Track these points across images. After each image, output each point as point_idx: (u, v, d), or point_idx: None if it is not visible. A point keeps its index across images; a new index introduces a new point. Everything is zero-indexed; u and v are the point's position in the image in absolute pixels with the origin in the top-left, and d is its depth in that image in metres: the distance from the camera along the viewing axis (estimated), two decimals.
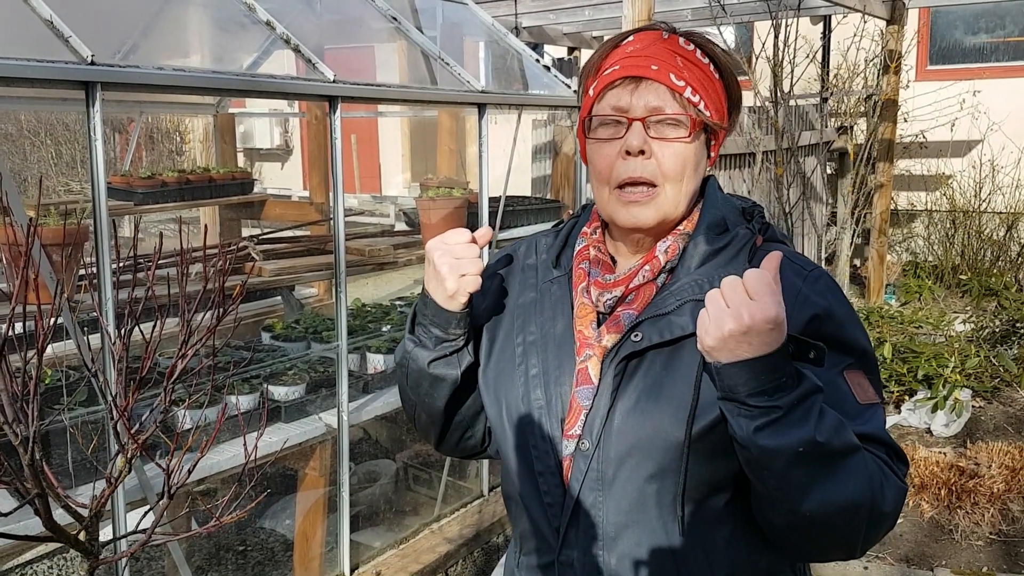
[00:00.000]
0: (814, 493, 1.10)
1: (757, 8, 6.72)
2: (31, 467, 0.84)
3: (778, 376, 1.07)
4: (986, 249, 8.60)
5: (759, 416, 1.08)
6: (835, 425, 1.10)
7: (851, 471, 1.12)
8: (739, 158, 6.40)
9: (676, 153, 1.24)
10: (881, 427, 1.22)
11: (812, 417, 1.08)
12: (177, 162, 10.98)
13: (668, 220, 1.28)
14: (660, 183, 1.25)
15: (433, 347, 1.33)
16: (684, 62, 1.25)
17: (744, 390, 1.08)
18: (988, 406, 5.47)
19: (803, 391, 1.08)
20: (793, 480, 1.10)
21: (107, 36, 3.05)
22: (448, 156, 6.39)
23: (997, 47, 9.15)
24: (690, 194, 1.29)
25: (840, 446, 1.10)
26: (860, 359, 1.24)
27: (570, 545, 1.27)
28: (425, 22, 4.35)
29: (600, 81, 1.28)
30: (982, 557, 3.76)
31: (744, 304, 1.06)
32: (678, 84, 1.23)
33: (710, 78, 1.27)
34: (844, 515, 1.13)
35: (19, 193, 3.10)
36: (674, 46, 1.27)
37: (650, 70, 1.23)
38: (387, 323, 4.06)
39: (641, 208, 1.26)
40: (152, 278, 0.99)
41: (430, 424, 1.43)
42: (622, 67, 1.25)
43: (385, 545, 3.74)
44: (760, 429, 1.08)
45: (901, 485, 1.20)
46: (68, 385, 2.74)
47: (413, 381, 1.38)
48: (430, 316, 1.32)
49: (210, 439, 1.02)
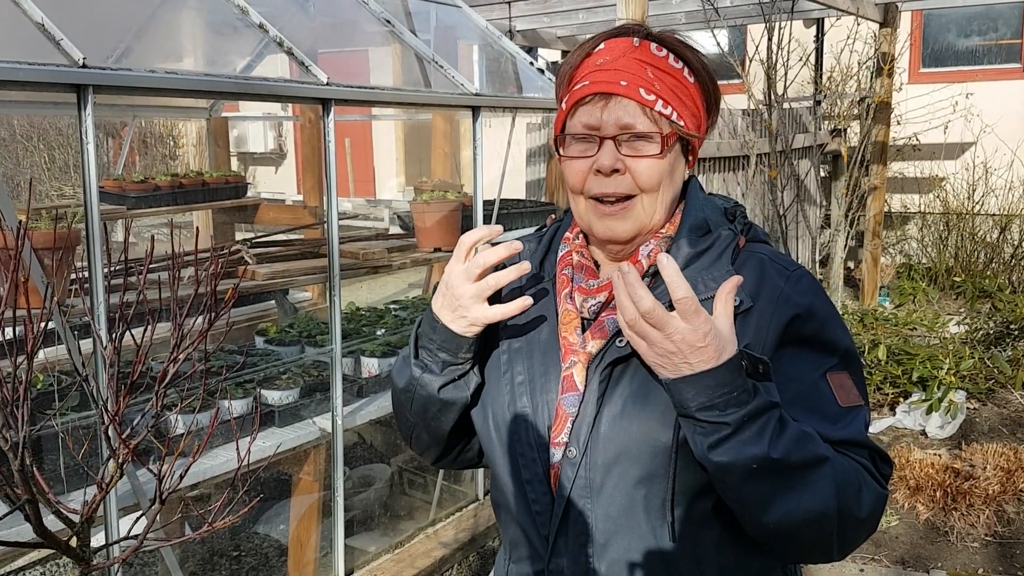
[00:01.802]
0: (775, 506, 1.12)
1: (750, 11, 6.74)
2: (21, 473, 0.84)
3: (727, 391, 1.08)
4: (980, 251, 8.62)
5: (711, 432, 1.09)
6: (795, 439, 1.11)
7: (815, 483, 1.12)
8: (733, 161, 6.40)
9: (650, 167, 1.23)
10: (862, 430, 1.21)
11: (767, 434, 1.08)
12: (170, 166, 10.95)
13: (644, 231, 1.28)
14: (637, 194, 1.25)
15: (440, 371, 1.30)
16: (655, 72, 1.23)
17: (693, 405, 1.09)
18: (983, 408, 5.47)
19: (755, 407, 1.09)
20: (752, 494, 1.12)
21: (100, 39, 3.04)
22: (442, 159, 6.39)
23: (990, 49, 9.18)
24: (667, 202, 1.28)
25: (801, 460, 1.11)
26: (843, 360, 1.24)
27: (559, 553, 1.27)
28: (419, 25, 4.35)
29: (571, 96, 1.27)
30: (978, 559, 3.76)
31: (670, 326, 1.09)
32: (648, 99, 1.21)
33: (683, 83, 1.26)
34: (810, 526, 1.13)
35: (11, 198, 3.09)
36: (645, 55, 1.24)
37: (619, 86, 1.22)
38: (381, 327, 4.04)
39: (617, 221, 1.26)
40: (143, 282, 0.98)
41: (432, 444, 1.40)
42: (591, 82, 1.24)
43: (380, 550, 3.73)
44: (713, 447, 1.09)
45: (880, 491, 1.19)
46: (60, 390, 2.72)
47: (419, 406, 1.34)
48: (438, 341, 1.28)
49: (202, 444, 1.01)
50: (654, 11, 6.86)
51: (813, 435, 1.14)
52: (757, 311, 1.21)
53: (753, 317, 1.21)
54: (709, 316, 1.08)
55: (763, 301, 1.21)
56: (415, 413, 1.35)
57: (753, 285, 1.22)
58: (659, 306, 1.08)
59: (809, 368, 1.21)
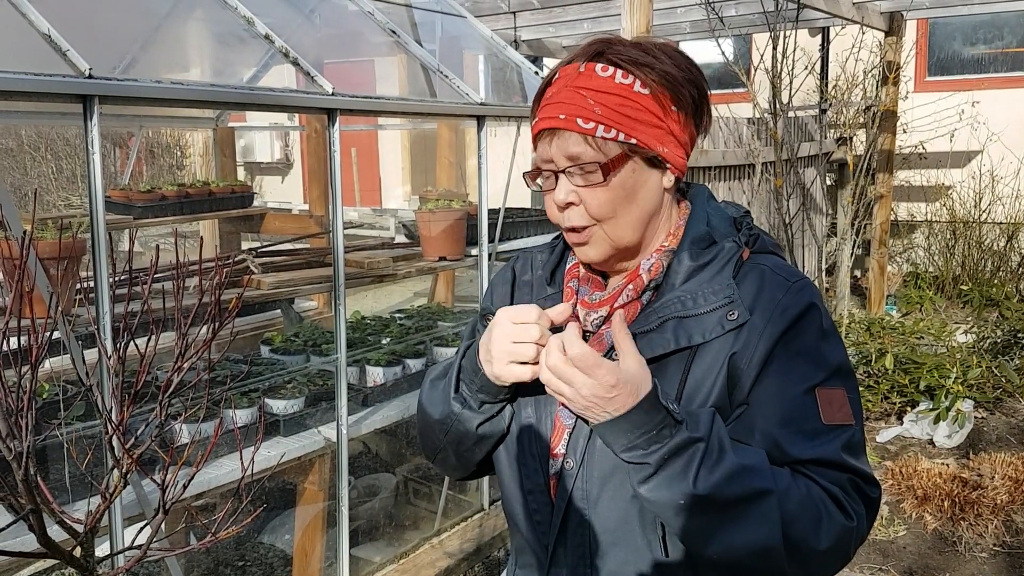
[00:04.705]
0: (713, 540, 1.13)
1: (755, 20, 6.73)
2: (25, 482, 0.83)
3: (646, 431, 1.11)
4: (987, 259, 8.60)
5: (637, 471, 1.12)
6: (729, 474, 1.10)
7: (753, 518, 1.11)
8: (738, 169, 6.40)
9: (596, 197, 1.22)
10: (839, 451, 1.17)
11: (691, 471, 1.10)
12: (177, 176, 10.99)
13: (621, 249, 1.27)
14: (594, 224, 1.25)
15: (478, 408, 1.29)
16: (596, 96, 1.20)
17: (617, 448, 1.13)
18: (990, 417, 5.45)
19: (677, 444, 1.10)
20: (687, 528, 1.13)
21: (106, 50, 3.05)
22: (448, 168, 6.40)
23: (996, 58, 9.17)
24: (635, 223, 1.25)
25: (737, 495, 1.10)
26: (836, 376, 1.21)
27: (559, 563, 1.28)
28: (424, 36, 4.36)
29: (533, 131, 1.28)
30: (986, 569, 3.73)
31: (575, 380, 1.12)
32: (587, 127, 1.20)
33: (631, 99, 1.20)
34: (755, 558, 1.14)
35: (19, 208, 3.10)
36: (587, 80, 1.21)
37: (559, 120, 1.21)
38: (387, 336, 4.04)
39: (586, 248, 1.27)
40: (148, 291, 0.98)
41: (459, 467, 1.40)
42: (540, 118, 1.25)
43: (385, 560, 3.72)
44: (641, 483, 1.12)
45: (845, 522, 1.15)
46: (65, 399, 2.72)
47: (454, 439, 1.33)
48: (478, 384, 1.27)
49: (206, 453, 1.01)
50: (659, 20, 6.86)
51: (756, 467, 1.13)
52: (751, 324, 1.20)
53: (746, 330, 1.20)
54: (614, 366, 1.12)
55: (758, 314, 1.20)
56: (449, 443, 1.35)
57: (751, 298, 1.22)
58: (564, 362, 1.12)
59: (794, 380, 1.19)
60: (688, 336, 1.21)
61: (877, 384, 5.45)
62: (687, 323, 1.21)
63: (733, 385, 1.19)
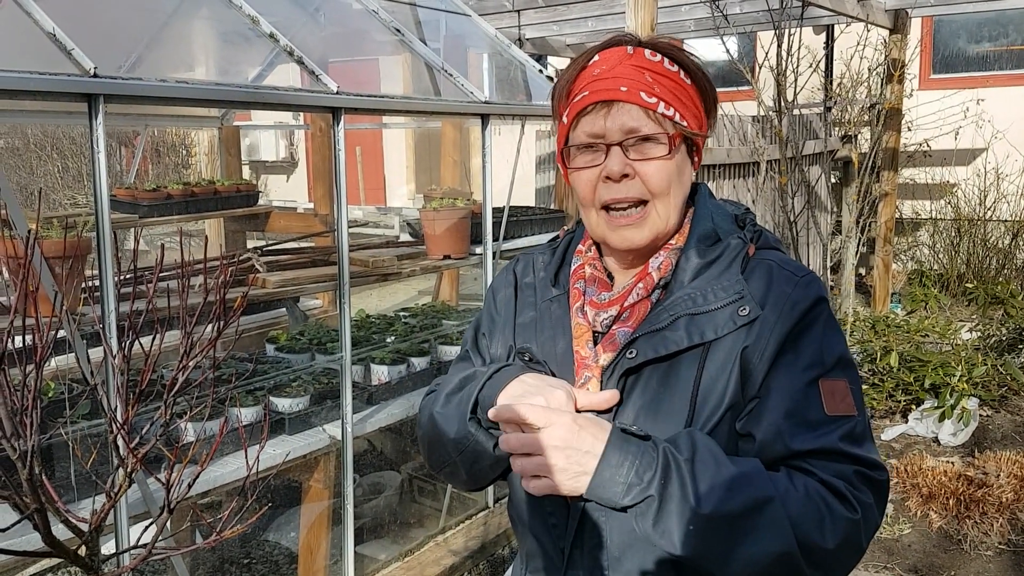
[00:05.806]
0: (733, 558, 1.11)
1: (760, 18, 6.72)
2: (29, 482, 0.84)
3: (631, 461, 1.11)
4: (992, 257, 8.58)
5: (643, 514, 1.12)
6: (725, 487, 1.10)
7: (765, 526, 1.10)
8: (743, 167, 6.39)
9: (660, 169, 1.23)
10: (839, 440, 1.17)
11: (689, 490, 1.09)
12: (183, 175, 11.01)
13: (660, 236, 1.28)
14: (649, 200, 1.25)
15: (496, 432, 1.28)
16: (653, 76, 1.24)
17: (617, 497, 1.12)
18: (995, 415, 5.44)
19: (664, 460, 1.11)
20: (706, 555, 1.11)
21: (111, 50, 3.06)
22: (452, 167, 6.40)
23: (1000, 55, 9.14)
24: (679, 206, 1.28)
25: (739, 507, 1.10)
26: (838, 367, 1.21)
27: (575, 566, 1.27)
28: (428, 34, 4.36)
29: (572, 108, 1.27)
30: (991, 567, 3.73)
31: (530, 446, 1.14)
32: (650, 102, 1.22)
33: (681, 85, 1.26)
34: (777, 566, 1.12)
35: (24, 207, 3.10)
36: (640, 60, 1.25)
37: (620, 92, 1.22)
38: (391, 334, 4.05)
39: (634, 230, 1.26)
40: (153, 290, 0.98)
41: (469, 482, 1.39)
42: (591, 92, 1.24)
43: (390, 558, 3.73)
44: (653, 525, 1.11)
45: (850, 517, 1.14)
46: (71, 398, 2.73)
47: (470, 458, 1.31)
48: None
49: (211, 451, 1.01)
50: (663, 18, 6.86)
51: (751, 474, 1.12)
52: (762, 319, 1.21)
53: (757, 325, 1.20)
54: (566, 414, 1.14)
55: (769, 309, 1.21)
56: (463, 461, 1.33)
57: (761, 293, 1.22)
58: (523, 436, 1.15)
59: (799, 372, 1.19)
60: (700, 333, 1.21)
61: (882, 382, 5.44)
62: (699, 320, 1.21)
63: (745, 379, 1.20)
